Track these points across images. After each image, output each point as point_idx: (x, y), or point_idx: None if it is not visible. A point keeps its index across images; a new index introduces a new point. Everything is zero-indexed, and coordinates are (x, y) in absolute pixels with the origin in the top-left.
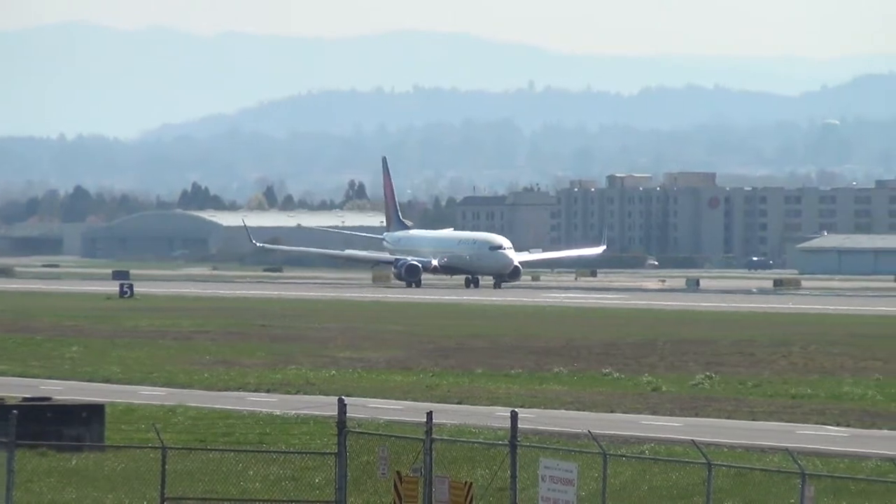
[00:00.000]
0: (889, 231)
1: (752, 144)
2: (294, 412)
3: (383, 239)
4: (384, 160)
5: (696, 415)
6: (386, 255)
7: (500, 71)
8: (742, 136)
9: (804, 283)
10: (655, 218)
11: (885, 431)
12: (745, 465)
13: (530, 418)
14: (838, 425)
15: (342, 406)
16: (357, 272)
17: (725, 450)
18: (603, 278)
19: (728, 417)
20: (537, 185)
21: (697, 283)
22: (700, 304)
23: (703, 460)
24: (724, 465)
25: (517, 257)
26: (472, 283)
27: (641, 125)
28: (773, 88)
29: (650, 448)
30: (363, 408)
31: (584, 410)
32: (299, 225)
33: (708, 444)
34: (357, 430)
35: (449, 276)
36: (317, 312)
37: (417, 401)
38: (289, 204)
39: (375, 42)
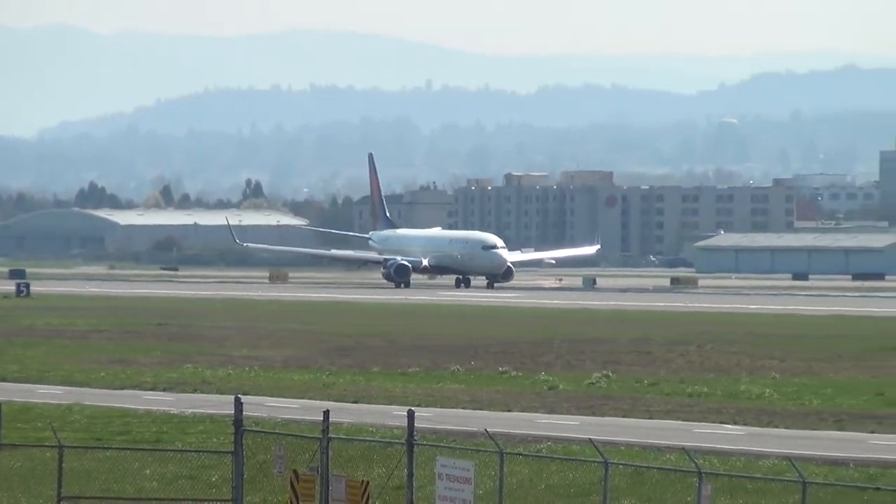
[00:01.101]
0: (786, 230)
1: (649, 143)
2: (191, 411)
3: (369, 238)
4: (370, 156)
5: (593, 413)
6: (374, 255)
7: (397, 69)
8: (639, 134)
9: (701, 282)
10: (552, 217)
11: (782, 430)
12: (642, 464)
13: (427, 417)
14: (735, 424)
15: (239, 405)
16: (259, 270)
17: (622, 448)
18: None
19: (625, 416)
20: (434, 183)
21: (594, 281)
22: (597, 302)
23: (600, 459)
24: (620, 464)
25: (510, 257)
26: (462, 283)
27: (539, 124)
28: (671, 87)
29: (547, 447)
30: (260, 406)
31: (481, 409)
32: (196, 223)
33: (605, 443)
34: (254, 428)
35: (439, 277)
36: (213, 312)
37: (314, 399)
38: (186, 203)
39: (272, 40)
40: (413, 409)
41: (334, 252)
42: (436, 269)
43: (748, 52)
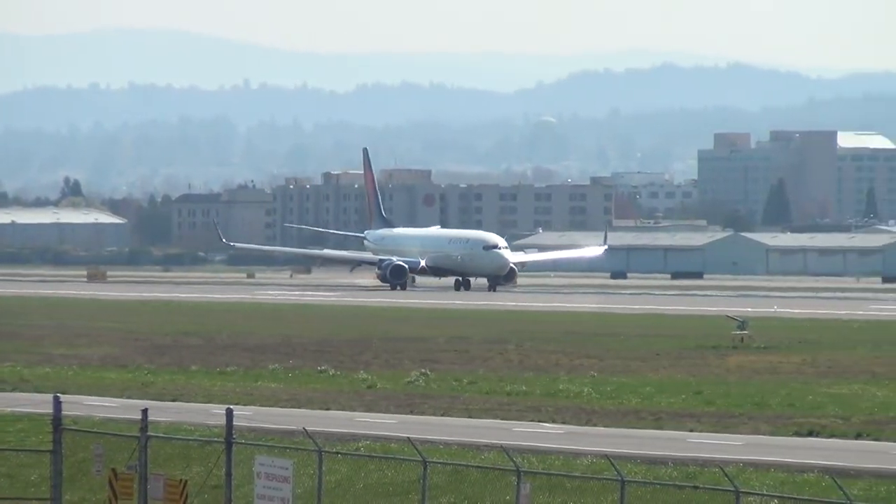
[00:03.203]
0: (603, 228)
1: (467, 141)
2: (9, 409)
3: (364, 237)
4: (365, 151)
5: (412, 412)
6: (368, 255)
7: (215, 68)
8: (457, 133)
9: (519, 280)
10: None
11: (600, 428)
12: (461, 463)
13: (246, 415)
14: (554, 422)
15: (57, 403)
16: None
17: (441, 447)
18: (317, 275)
19: (444, 415)
20: (252, 182)
21: (413, 280)
22: (415, 301)
23: (419, 458)
24: (439, 463)
25: (513, 258)
26: (462, 285)
27: (357, 122)
28: (488, 86)
29: (366, 445)
30: (79, 405)
31: (299, 407)
32: (14, 222)
33: (424, 442)
34: (73, 427)
35: (437, 279)
36: (31, 310)
37: (133, 398)
38: (3, 201)
39: (91, 39)
40: (231, 407)
41: (327, 252)
42: (434, 271)
43: (566, 51)
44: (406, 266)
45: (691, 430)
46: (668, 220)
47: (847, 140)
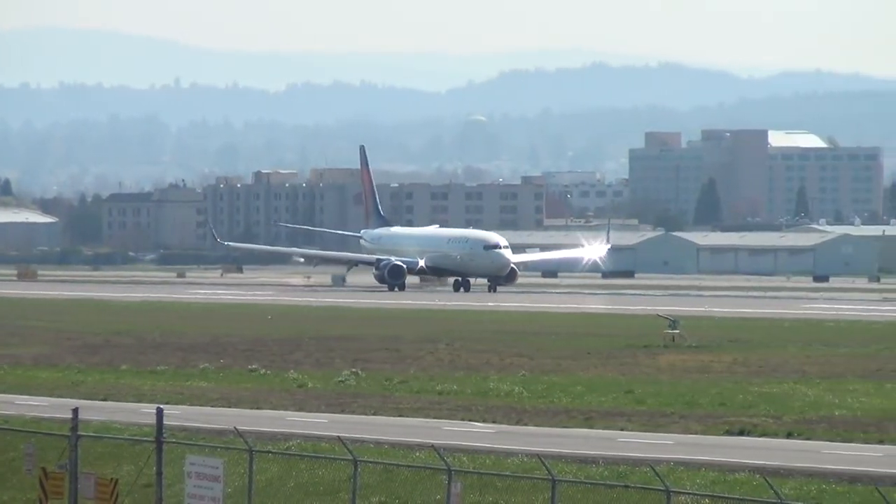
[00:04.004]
0: (535, 227)
1: (398, 141)
2: None
3: (361, 237)
4: (362, 149)
5: (343, 411)
6: (365, 255)
7: (145, 67)
8: (388, 132)
9: (449, 280)
10: (302, 215)
11: (531, 428)
12: (392, 462)
13: (176, 415)
14: (484, 422)
15: None
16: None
17: (372, 446)
18: (249, 274)
19: (374, 414)
20: (183, 181)
21: (343, 279)
22: (346, 300)
23: (350, 457)
24: (370, 462)
25: (514, 258)
26: (461, 286)
27: (288, 121)
28: (419, 85)
29: (296, 444)
30: (9, 404)
31: (230, 407)
32: None
33: (354, 441)
34: (3, 426)
35: (437, 279)
36: None
37: (63, 397)
38: None
39: (20, 37)
40: (162, 406)
41: (325, 252)
42: (433, 271)
43: (497, 50)
44: (404, 266)
45: (622, 430)
46: (600, 220)
47: (778, 139)
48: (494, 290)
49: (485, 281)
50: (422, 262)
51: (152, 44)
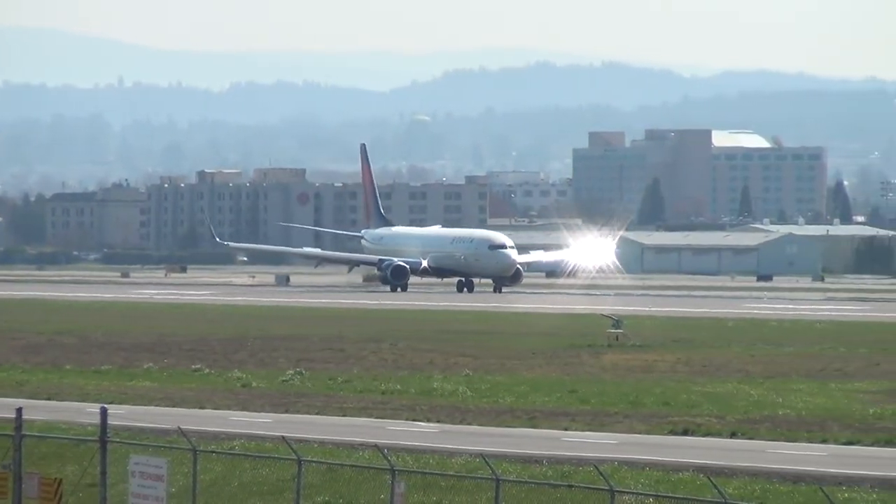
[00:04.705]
0: (479, 226)
1: (341, 140)
2: None
3: (361, 237)
4: (363, 147)
5: (287, 411)
6: (368, 256)
7: (89, 66)
8: (332, 131)
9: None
10: (246, 214)
11: (475, 427)
12: (336, 462)
13: (121, 414)
14: (428, 421)
15: None
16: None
17: (316, 446)
18: (193, 274)
19: (318, 413)
20: (127, 180)
21: (287, 279)
22: (290, 300)
23: (294, 456)
24: (314, 462)
25: (520, 258)
26: (465, 286)
27: (232, 121)
28: (363, 84)
29: (240, 444)
30: None
31: (174, 406)
32: None
33: (298, 441)
34: None
35: (440, 280)
36: None
37: (7, 397)
38: None
39: None
40: (106, 406)
41: (327, 253)
42: (437, 271)
43: (441, 50)
44: (407, 266)
45: (566, 429)
46: (543, 219)
47: (721, 139)
48: (500, 291)
49: (484, 281)
50: (425, 263)
51: (96, 43)
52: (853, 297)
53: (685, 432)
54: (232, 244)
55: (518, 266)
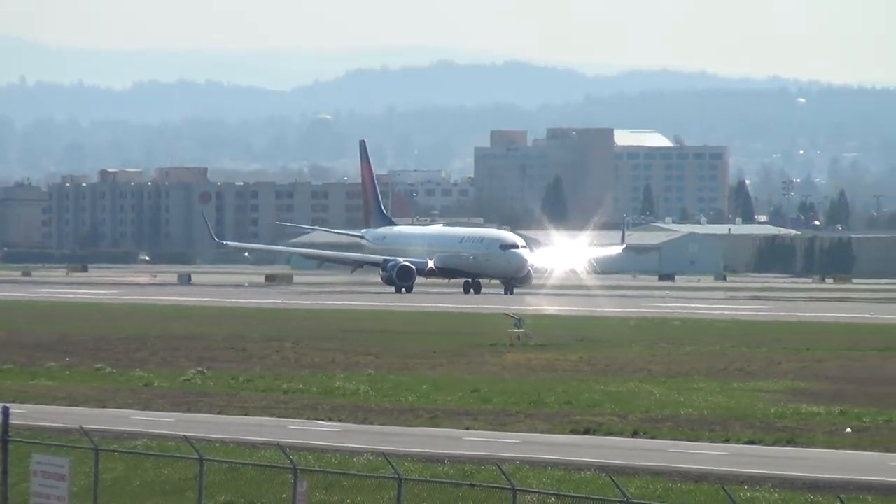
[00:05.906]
0: None
1: (243, 139)
2: None
3: (362, 237)
4: (362, 144)
5: (189, 410)
6: (371, 256)
7: None
8: (233, 130)
9: (296, 279)
10: (147, 213)
11: (377, 426)
12: (238, 461)
13: (22, 413)
14: (330, 420)
15: None
16: None
17: (218, 445)
18: (94, 273)
19: (220, 412)
20: (29, 179)
21: (189, 278)
22: (192, 298)
23: (195, 455)
24: (216, 461)
25: (532, 259)
26: (472, 287)
27: (134, 120)
28: (265, 83)
29: (142, 443)
30: None
31: (76, 405)
32: None
33: (200, 440)
34: None
35: (446, 281)
36: None
37: None
38: None
39: None
40: (7, 405)
41: (330, 253)
42: (444, 272)
43: (343, 49)
44: (413, 267)
45: (468, 429)
46: (445, 218)
47: (624, 138)
48: (511, 292)
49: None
50: (431, 263)
51: None
52: (755, 295)
53: (587, 431)
54: (231, 244)
55: (529, 267)
